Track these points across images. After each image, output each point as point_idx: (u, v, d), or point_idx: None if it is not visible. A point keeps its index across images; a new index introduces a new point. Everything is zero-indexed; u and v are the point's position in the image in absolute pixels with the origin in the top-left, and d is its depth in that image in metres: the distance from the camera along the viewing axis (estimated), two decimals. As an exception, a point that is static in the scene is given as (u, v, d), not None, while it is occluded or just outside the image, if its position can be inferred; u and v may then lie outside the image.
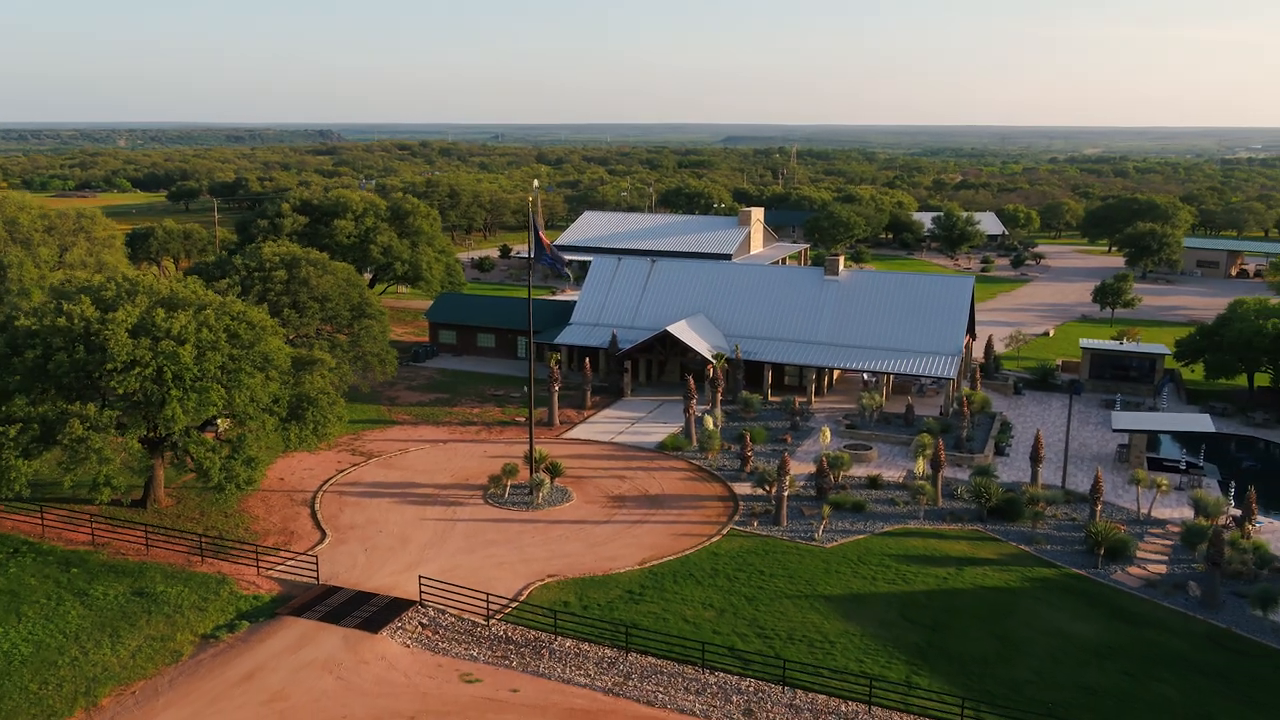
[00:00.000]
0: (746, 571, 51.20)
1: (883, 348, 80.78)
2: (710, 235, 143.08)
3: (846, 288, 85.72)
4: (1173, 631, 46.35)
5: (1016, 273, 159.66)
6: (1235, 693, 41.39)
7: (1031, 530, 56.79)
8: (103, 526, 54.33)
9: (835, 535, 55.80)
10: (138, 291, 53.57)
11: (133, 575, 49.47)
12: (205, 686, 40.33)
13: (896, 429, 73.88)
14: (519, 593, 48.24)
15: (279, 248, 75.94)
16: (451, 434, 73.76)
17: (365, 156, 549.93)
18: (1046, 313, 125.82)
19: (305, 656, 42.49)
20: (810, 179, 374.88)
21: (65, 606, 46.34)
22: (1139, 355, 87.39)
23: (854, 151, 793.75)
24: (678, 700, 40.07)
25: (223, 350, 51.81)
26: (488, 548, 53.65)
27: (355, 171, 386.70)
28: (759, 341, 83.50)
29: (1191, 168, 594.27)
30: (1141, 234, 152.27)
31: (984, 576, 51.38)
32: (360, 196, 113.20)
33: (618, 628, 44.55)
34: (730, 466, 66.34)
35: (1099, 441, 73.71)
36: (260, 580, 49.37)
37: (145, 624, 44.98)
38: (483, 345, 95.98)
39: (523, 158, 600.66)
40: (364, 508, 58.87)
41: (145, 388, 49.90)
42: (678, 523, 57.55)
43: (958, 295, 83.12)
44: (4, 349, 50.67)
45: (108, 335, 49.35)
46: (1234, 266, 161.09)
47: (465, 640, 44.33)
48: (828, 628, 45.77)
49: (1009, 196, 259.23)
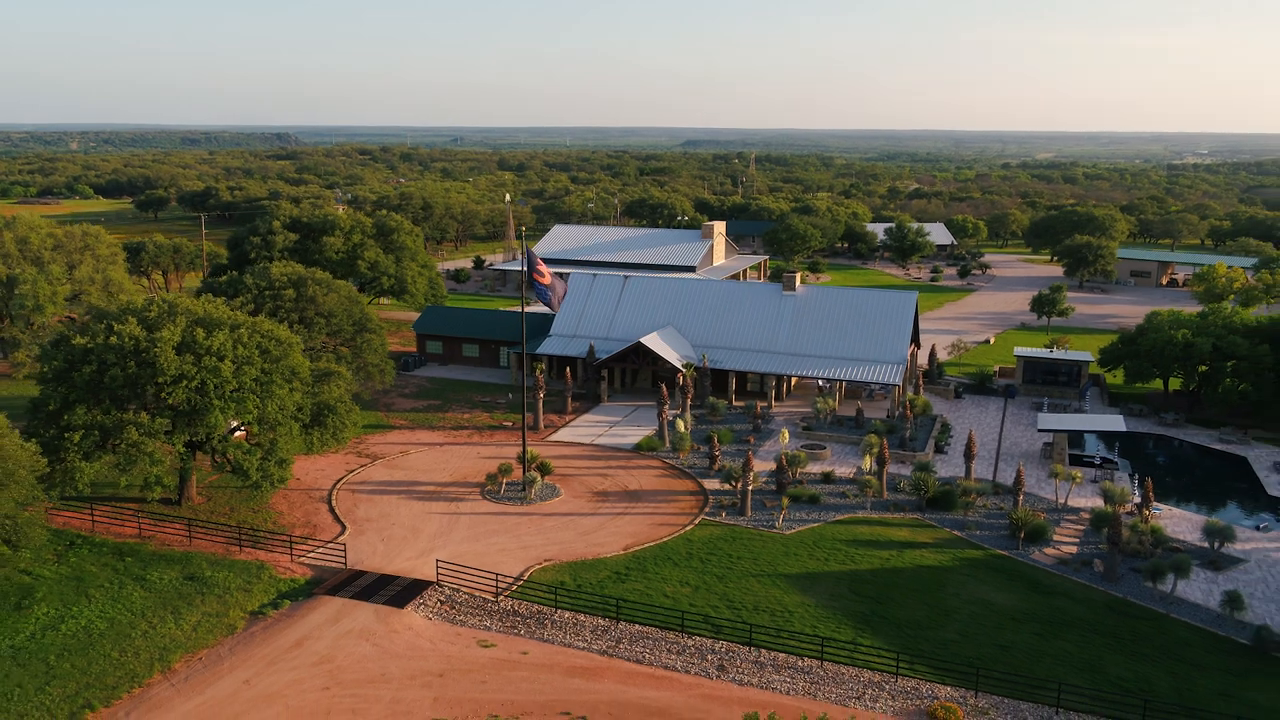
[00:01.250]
0: (717, 555, 59.08)
1: (835, 357, 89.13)
2: (675, 248, 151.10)
3: (803, 302, 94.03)
4: (1077, 600, 54.81)
5: (963, 282, 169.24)
6: (1122, 648, 49.84)
7: (964, 518, 65.17)
8: (147, 521, 61.21)
9: (793, 524, 63.83)
10: (177, 312, 60.43)
11: (181, 563, 56.44)
12: (261, 652, 47.52)
13: (848, 430, 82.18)
14: (521, 574, 55.77)
15: (285, 268, 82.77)
16: (446, 437, 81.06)
17: (326, 161, 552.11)
18: (989, 321, 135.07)
19: (343, 627, 49.80)
20: (769, 187, 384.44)
21: (128, 589, 53.27)
22: (1067, 362, 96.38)
23: (811, 157, 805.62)
24: (662, 659, 47.84)
25: (256, 364, 58.88)
26: (490, 537, 61.11)
27: (318, 177, 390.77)
28: (724, 351, 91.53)
29: (1138, 174, 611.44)
30: (1079, 245, 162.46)
31: (921, 557, 59.63)
32: (347, 213, 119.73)
33: (608, 601, 52.23)
34: (700, 465, 74.23)
35: (1028, 440, 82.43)
36: (294, 566, 56.54)
37: (200, 603, 52.05)
38: (467, 355, 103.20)
39: (484, 163, 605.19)
40: (375, 503, 66.11)
41: (190, 398, 56.89)
42: (655, 514, 65.33)
43: (902, 309, 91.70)
44: (62, 365, 57.37)
45: (157, 353, 56.25)
46: (1164, 276, 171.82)
47: (478, 613, 51.82)
48: (787, 600, 53.74)
49: (959, 206, 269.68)
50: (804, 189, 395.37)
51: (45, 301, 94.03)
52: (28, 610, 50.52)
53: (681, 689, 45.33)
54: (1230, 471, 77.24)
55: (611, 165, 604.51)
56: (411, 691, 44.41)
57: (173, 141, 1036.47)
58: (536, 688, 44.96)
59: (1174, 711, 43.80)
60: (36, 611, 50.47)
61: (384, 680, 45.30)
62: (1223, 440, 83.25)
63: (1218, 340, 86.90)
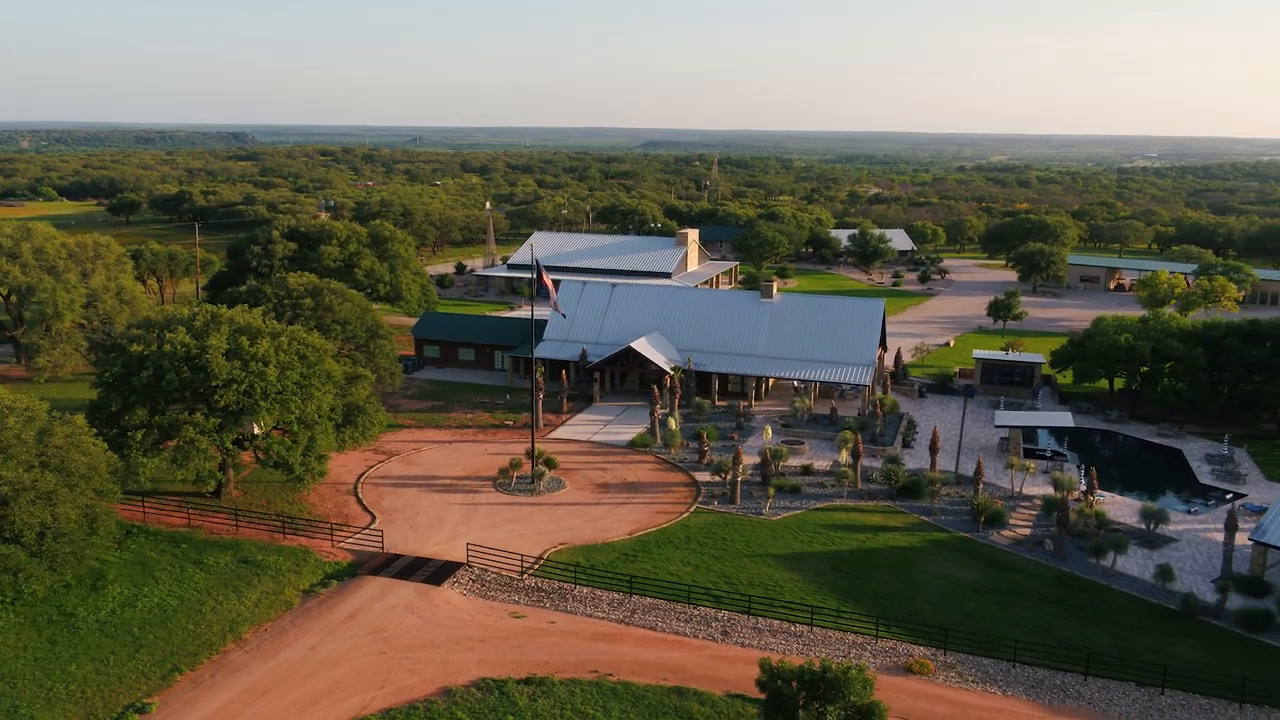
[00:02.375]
0: (712, 538, 66.11)
1: (810, 359, 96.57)
2: (651, 255, 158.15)
3: (779, 308, 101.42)
4: (1030, 575, 62.43)
5: (924, 287, 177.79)
6: (1069, 614, 57.46)
7: (930, 505, 72.68)
8: (194, 513, 67.20)
9: (778, 511, 71.00)
10: (221, 321, 66.45)
11: (232, 549, 62.54)
12: (319, 624, 53.89)
13: (823, 427, 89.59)
14: (540, 555, 62.45)
15: (301, 278, 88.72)
16: (453, 435, 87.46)
17: (288, 163, 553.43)
18: (948, 325, 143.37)
19: (389, 602, 56.26)
20: (733, 191, 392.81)
21: (189, 572, 59.34)
22: (1021, 364, 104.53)
23: (771, 159, 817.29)
24: (672, 626, 54.79)
25: (296, 369, 65.08)
26: (507, 524, 67.72)
27: (285, 180, 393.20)
28: (706, 354, 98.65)
29: (1090, 178, 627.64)
30: (1032, 252, 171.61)
31: (893, 539, 67.03)
32: (344, 224, 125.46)
33: (621, 578, 59.07)
34: (690, 459, 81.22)
35: (986, 435, 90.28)
36: (336, 551, 62.86)
37: (257, 583, 58.26)
38: (463, 358, 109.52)
39: (447, 165, 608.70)
40: (398, 496, 72.46)
41: (239, 400, 63.01)
42: (654, 504, 72.26)
43: (871, 316, 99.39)
44: (121, 370, 63.23)
45: (208, 359, 62.31)
46: (1112, 281, 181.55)
47: (507, 590, 58.46)
48: (777, 577, 60.87)
49: (918, 212, 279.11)
50: (767, 193, 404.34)
51: (64, 309, 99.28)
52: (103, 590, 56.47)
53: (692, 650, 52.31)
54: (1167, 463, 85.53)
55: (575, 168, 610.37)
56: (458, 655, 51.01)
57: (127, 140, 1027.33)
58: (566, 651, 51.72)
59: (1112, 663, 51.42)
60: (111, 591, 56.44)
61: (432, 646, 51.88)
62: (1161, 435, 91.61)
63: (1157, 344, 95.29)
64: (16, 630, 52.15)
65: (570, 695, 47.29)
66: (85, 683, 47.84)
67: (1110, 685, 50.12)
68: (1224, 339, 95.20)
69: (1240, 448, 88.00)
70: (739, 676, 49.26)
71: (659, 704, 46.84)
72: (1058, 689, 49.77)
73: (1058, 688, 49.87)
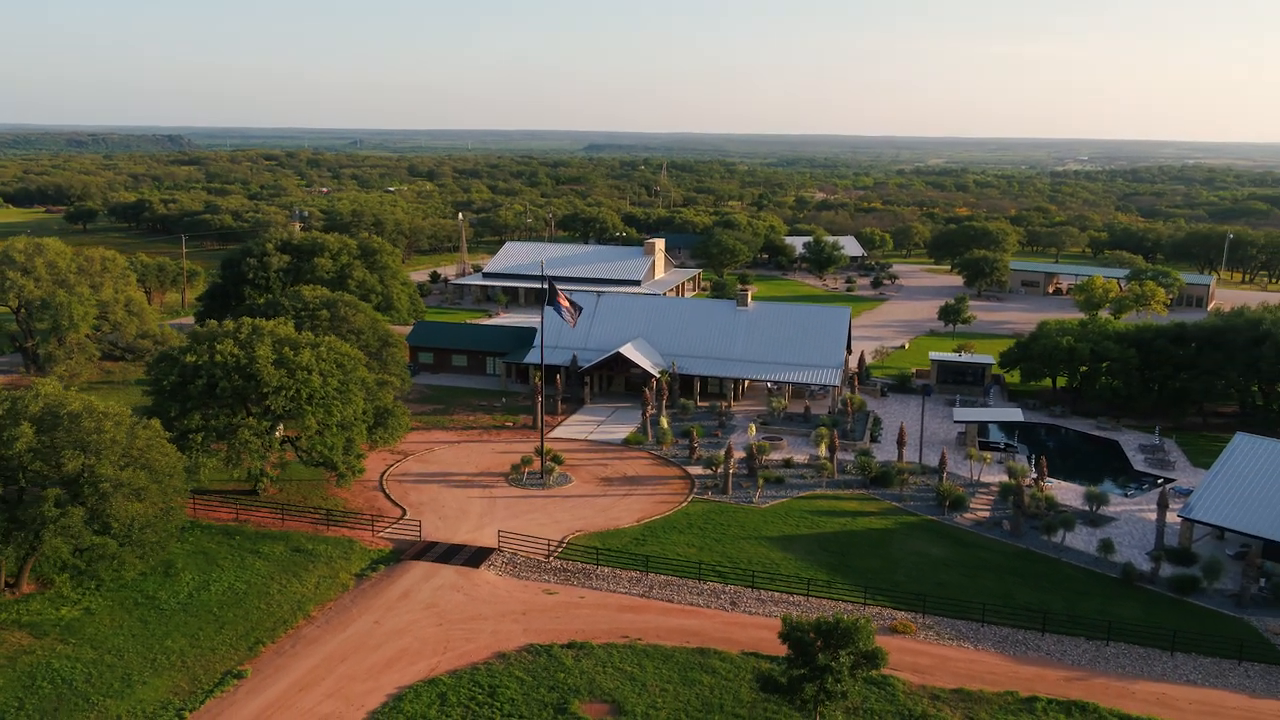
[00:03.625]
0: (711, 524, 74.14)
1: (783, 362, 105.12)
2: (620, 264, 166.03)
3: (754, 316, 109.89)
4: (991, 551, 71.29)
5: (876, 292, 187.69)
6: (1027, 583, 66.35)
7: (900, 493, 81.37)
8: (239, 508, 73.71)
9: (767, 499, 79.24)
10: (263, 333, 73.07)
11: (283, 540, 69.26)
12: (377, 601, 60.97)
13: (798, 424, 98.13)
14: (561, 541, 70.00)
15: (315, 291, 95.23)
16: (460, 436, 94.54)
17: (233, 168, 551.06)
18: (902, 328, 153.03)
19: (436, 583, 63.48)
20: (684, 198, 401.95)
21: (249, 560, 66.00)
22: (973, 364, 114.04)
23: (716, 164, 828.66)
24: (687, 599, 62.71)
25: (335, 376, 71.96)
26: (526, 515, 75.13)
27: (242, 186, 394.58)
28: (688, 359, 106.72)
29: (1025, 182, 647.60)
30: (977, 259, 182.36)
31: (871, 523, 75.58)
32: (335, 237, 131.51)
33: (637, 559, 66.86)
34: (681, 455, 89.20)
35: (945, 430, 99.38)
36: (377, 540, 69.87)
37: (313, 568, 65.12)
38: (456, 364, 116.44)
39: (393, 169, 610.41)
40: (422, 491, 79.52)
41: (287, 405, 69.75)
42: (654, 495, 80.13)
43: (838, 321, 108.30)
44: (177, 379, 69.64)
45: (259, 368, 68.98)
46: (1051, 285, 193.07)
47: (536, 571, 65.94)
48: (773, 556, 69.05)
49: (866, 219, 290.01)
50: (716, 199, 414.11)
51: (79, 321, 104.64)
52: (176, 577, 62.98)
53: (707, 618, 60.29)
54: (1106, 452, 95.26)
55: (522, 172, 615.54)
56: (505, 625, 58.46)
57: (58, 143, 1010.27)
58: (598, 620, 59.40)
59: (1064, 622, 60.30)
60: (184, 578, 62.97)
61: (481, 618, 59.26)
62: (1099, 428, 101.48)
63: (1095, 346, 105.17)
64: (110, 612, 58.58)
65: (609, 656, 54.99)
66: (183, 654, 54.54)
67: (1064, 639, 58.99)
68: (1154, 341, 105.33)
69: (1169, 439, 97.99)
70: (750, 639, 57.35)
71: (686, 661, 54.71)
72: (1020, 643, 58.53)
73: (1020, 642, 58.62)
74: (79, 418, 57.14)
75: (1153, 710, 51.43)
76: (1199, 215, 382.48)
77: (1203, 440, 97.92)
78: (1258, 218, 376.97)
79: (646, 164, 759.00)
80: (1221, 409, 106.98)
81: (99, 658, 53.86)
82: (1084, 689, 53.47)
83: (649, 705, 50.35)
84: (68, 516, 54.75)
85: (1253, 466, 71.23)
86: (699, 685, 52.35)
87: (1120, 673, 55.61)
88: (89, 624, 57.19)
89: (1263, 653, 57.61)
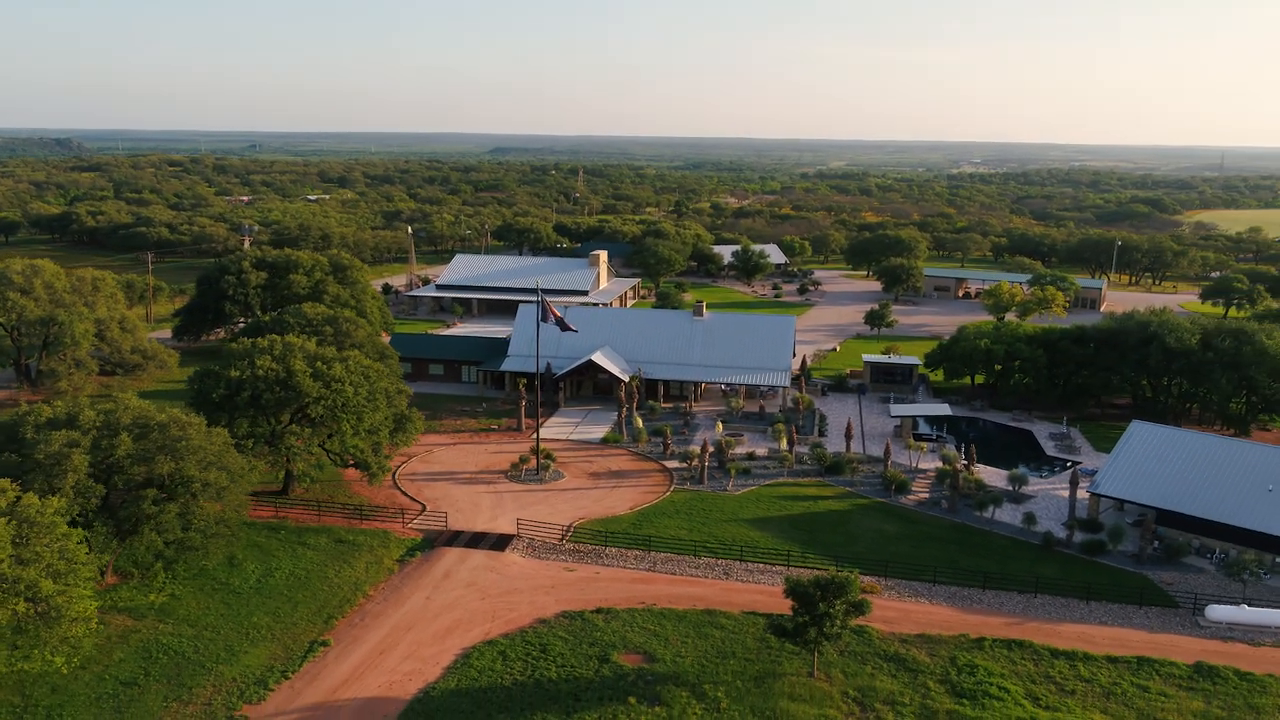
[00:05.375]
0: (695, 510, 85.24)
1: (738, 366, 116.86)
2: (568, 275, 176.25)
3: (709, 325, 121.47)
4: (933, 526, 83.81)
5: (802, 298, 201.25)
6: (966, 551, 78.94)
7: (851, 479, 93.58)
8: (277, 508, 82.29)
9: (739, 488, 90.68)
10: (295, 349, 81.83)
11: (325, 533, 78.25)
12: (424, 581, 70.61)
13: (754, 422, 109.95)
14: (569, 527, 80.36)
15: (316, 308, 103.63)
16: (452, 439, 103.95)
17: (136, 175, 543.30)
18: (831, 332, 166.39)
19: (470, 564, 73.34)
20: (603, 204, 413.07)
21: (299, 551, 74.92)
22: (901, 365, 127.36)
23: (624, 167, 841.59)
24: (687, 571, 73.71)
25: (364, 387, 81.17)
26: (531, 506, 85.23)
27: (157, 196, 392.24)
28: (650, 364, 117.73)
29: (924, 185, 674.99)
30: (894, 266, 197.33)
31: (830, 505, 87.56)
32: (308, 254, 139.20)
33: (639, 540, 77.62)
34: (655, 452, 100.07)
35: (882, 424, 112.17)
36: (407, 530, 79.30)
37: (358, 556, 74.37)
38: (433, 373, 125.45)
39: (304, 176, 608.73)
40: (433, 488, 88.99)
41: (324, 413, 78.77)
42: (640, 486, 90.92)
43: (785, 328, 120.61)
44: (225, 391, 78.09)
45: (299, 381, 77.87)
46: (960, 290, 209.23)
47: (553, 553, 76.21)
48: (752, 535, 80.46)
49: (783, 226, 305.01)
50: (635, 205, 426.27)
51: (80, 337, 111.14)
52: (240, 566, 71.61)
53: (707, 586, 71.38)
54: (1021, 441, 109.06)
55: (434, 177, 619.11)
56: (538, 596, 68.71)
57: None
58: (616, 591, 70.01)
59: (999, 580, 72.91)
60: (247, 567, 71.66)
61: (517, 592, 69.40)
62: (1015, 420, 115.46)
63: (1009, 347, 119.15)
64: (193, 596, 67.16)
65: (632, 618, 65.69)
66: (269, 628, 63.61)
67: (1000, 594, 71.61)
68: (1059, 342, 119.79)
69: (1075, 427, 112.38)
70: (746, 601, 68.65)
71: (697, 620, 65.69)
72: (966, 598, 70.94)
73: (965, 598, 71.04)
74: (166, 427, 65.66)
75: (1075, 645, 64.11)
76: (1087, 218, 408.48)
77: (1102, 428, 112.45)
78: (1140, 220, 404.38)
79: (558, 168, 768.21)
80: (1116, 401, 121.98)
81: (198, 634, 62.62)
82: (1020, 631, 66.01)
83: (675, 654, 61.20)
84: (165, 513, 63.35)
85: (1147, 449, 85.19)
86: (711, 638, 63.38)
87: (1048, 618, 68.36)
88: (179, 607, 65.74)
89: (1158, 599, 71.08)
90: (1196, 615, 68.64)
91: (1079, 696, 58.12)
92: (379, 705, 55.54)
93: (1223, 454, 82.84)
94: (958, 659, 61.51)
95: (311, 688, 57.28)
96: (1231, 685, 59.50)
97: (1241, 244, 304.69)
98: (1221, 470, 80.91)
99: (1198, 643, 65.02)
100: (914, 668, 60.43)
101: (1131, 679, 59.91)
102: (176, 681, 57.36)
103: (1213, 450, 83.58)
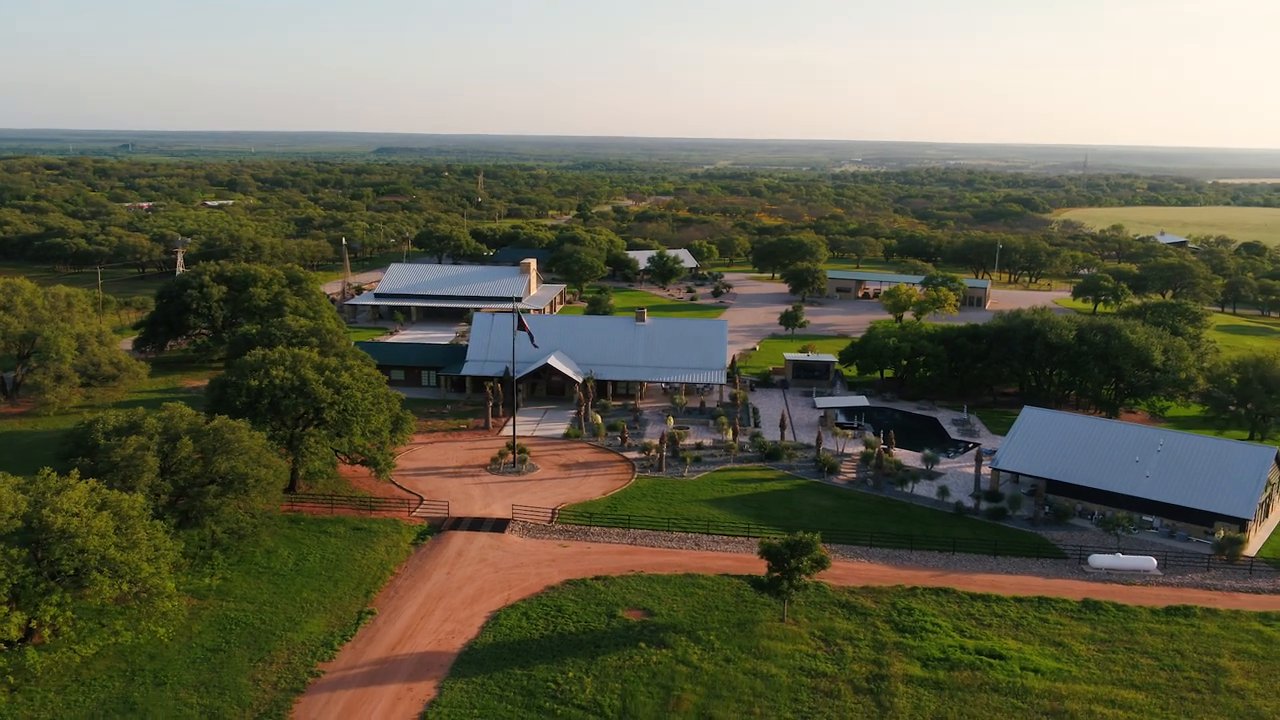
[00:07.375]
0: (659, 494, 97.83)
1: (679, 366, 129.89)
2: (500, 282, 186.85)
3: (651, 329, 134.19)
4: (863, 500, 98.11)
5: (717, 301, 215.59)
6: (892, 520, 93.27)
7: (789, 463, 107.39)
8: (290, 502, 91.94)
9: (694, 474, 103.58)
10: (305, 359, 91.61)
11: (340, 522, 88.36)
12: (440, 560, 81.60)
13: (696, 416, 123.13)
14: (554, 510, 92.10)
15: (299, 321, 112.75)
16: (428, 438, 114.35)
17: (12, 179, 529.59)
18: (749, 333, 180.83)
19: (478, 544, 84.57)
20: (507, 209, 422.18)
21: (323, 539, 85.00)
22: (819, 362, 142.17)
23: (517, 169, 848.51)
24: (664, 544, 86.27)
25: (368, 393, 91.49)
26: (516, 495, 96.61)
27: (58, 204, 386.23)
28: (600, 366, 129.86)
29: (811, 185, 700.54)
30: (801, 270, 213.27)
31: (774, 486, 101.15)
32: (266, 268, 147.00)
33: (618, 519, 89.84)
34: (614, 445, 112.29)
35: (808, 416, 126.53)
36: (414, 519, 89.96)
37: (376, 541, 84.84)
38: (394, 378, 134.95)
39: (193, 179, 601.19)
40: (425, 481, 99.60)
41: (336, 417, 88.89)
42: (607, 475, 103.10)
43: (719, 332, 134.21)
44: (246, 399, 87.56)
45: (314, 388, 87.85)
46: (860, 291, 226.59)
47: (546, 533, 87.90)
48: (713, 513, 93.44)
49: (687, 230, 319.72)
50: (539, 209, 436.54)
51: (65, 352, 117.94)
52: (275, 552, 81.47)
53: (684, 556, 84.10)
54: (928, 427, 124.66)
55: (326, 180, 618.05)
56: (543, 568, 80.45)
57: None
58: (607, 562, 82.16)
59: (923, 542, 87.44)
60: (281, 553, 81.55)
61: (524, 565, 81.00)
62: (921, 409, 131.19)
63: (914, 344, 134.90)
64: (244, 579, 76.91)
65: (626, 583, 77.99)
66: (319, 603, 73.97)
67: (925, 553, 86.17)
68: (957, 339, 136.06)
69: (973, 414, 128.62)
70: (720, 566, 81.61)
71: (681, 583, 78.31)
72: (897, 557, 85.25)
73: (897, 557, 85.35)
74: (220, 430, 75.34)
75: (988, 590, 78.83)
76: (966, 218, 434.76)
77: (995, 414, 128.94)
78: (1014, 219, 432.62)
79: (450, 169, 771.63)
80: (1007, 390, 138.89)
81: (259, 609, 72.65)
82: (943, 581, 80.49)
83: (669, 609, 73.75)
84: (225, 505, 73.16)
85: (1037, 430, 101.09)
86: (696, 596, 76.14)
87: (964, 570, 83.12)
88: (234, 588, 75.50)
89: (1050, 552, 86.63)
90: (1081, 564, 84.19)
91: (994, 628, 72.66)
92: (434, 658, 66.73)
93: (1098, 433, 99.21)
94: (897, 604, 75.55)
95: (372, 647, 68.08)
96: (1111, 615, 74.88)
97: (1105, 242, 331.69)
98: (1098, 446, 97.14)
99: (1084, 585, 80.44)
100: (863, 612, 74.24)
101: (1034, 613, 74.85)
102: (255, 646, 67.49)
103: (1090, 430, 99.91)
